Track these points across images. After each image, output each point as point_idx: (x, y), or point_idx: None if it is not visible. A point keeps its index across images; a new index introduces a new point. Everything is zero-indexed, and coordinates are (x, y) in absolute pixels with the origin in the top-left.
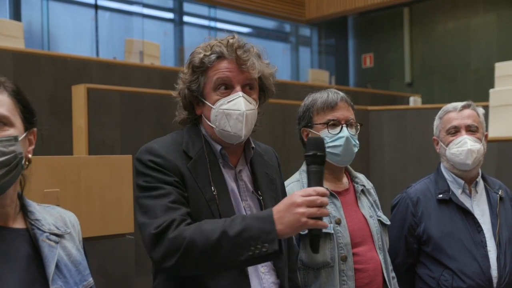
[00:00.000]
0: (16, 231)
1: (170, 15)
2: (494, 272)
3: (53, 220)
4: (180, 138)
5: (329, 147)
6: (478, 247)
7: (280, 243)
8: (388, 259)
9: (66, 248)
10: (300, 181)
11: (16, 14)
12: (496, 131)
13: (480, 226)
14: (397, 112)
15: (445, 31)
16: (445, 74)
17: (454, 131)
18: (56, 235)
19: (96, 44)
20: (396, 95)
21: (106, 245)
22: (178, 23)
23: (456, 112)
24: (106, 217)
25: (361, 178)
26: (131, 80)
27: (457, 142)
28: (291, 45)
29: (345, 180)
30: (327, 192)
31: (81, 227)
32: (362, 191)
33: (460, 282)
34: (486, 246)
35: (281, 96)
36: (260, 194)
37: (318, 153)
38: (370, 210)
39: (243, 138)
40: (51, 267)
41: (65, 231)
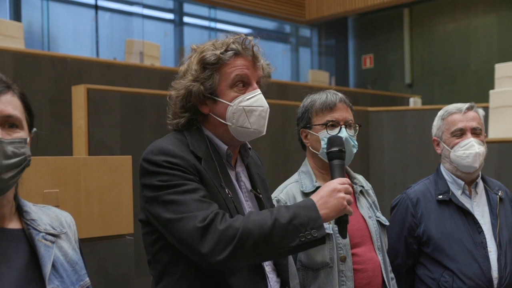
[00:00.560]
0: (12, 231)
1: (170, 16)
2: (495, 273)
3: (49, 220)
4: (184, 139)
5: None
6: (479, 248)
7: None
8: (387, 259)
9: (62, 248)
10: (299, 182)
11: (16, 15)
12: (496, 132)
13: (480, 227)
14: (397, 113)
15: (445, 32)
16: (445, 75)
17: (460, 133)
18: (52, 235)
19: (96, 45)
20: (396, 96)
21: (106, 245)
22: (178, 24)
23: (461, 114)
24: (105, 217)
25: (359, 179)
26: (131, 81)
27: (463, 145)
28: (291, 45)
29: None
30: (350, 183)
31: (80, 227)
32: (361, 192)
33: (461, 283)
34: (487, 247)
35: (281, 97)
36: (259, 193)
37: (342, 149)
38: (369, 211)
39: (264, 133)
40: (47, 267)
41: (61, 231)
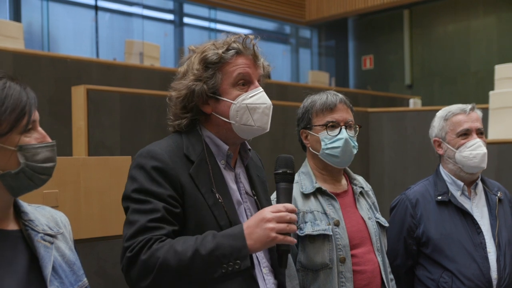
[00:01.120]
0: (10, 233)
1: (170, 17)
2: (494, 274)
3: (45, 220)
4: (180, 141)
5: (327, 148)
6: (478, 248)
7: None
8: (387, 261)
9: (59, 249)
10: (299, 183)
11: (16, 15)
12: (496, 133)
13: (479, 228)
14: (397, 114)
15: (445, 33)
16: (445, 76)
17: (466, 134)
18: (50, 236)
19: (96, 45)
20: (396, 97)
21: (105, 246)
22: (178, 25)
23: (465, 115)
24: (105, 218)
25: (359, 180)
26: (131, 81)
27: (469, 145)
28: (291, 46)
29: (344, 182)
30: (296, 209)
31: (80, 228)
32: (361, 193)
33: (460, 284)
34: (486, 248)
35: (281, 98)
36: (256, 195)
37: (288, 171)
38: (369, 212)
39: (267, 130)
40: (48, 268)
41: (57, 231)
